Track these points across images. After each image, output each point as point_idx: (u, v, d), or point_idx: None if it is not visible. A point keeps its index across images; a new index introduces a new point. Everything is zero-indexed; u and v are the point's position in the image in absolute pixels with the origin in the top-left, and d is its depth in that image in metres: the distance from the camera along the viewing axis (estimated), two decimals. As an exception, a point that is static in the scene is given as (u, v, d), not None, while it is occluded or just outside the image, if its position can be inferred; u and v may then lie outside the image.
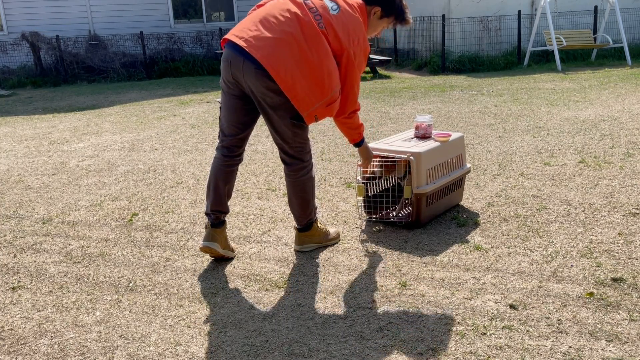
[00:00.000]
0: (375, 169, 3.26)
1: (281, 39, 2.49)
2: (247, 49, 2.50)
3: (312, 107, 2.57)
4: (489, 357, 2.01)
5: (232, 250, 2.96)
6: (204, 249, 2.84)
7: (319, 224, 3.01)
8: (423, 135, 3.39)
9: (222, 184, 2.83)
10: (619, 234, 3.01)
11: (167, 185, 4.32)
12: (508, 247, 2.91)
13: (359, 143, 2.91)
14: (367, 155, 2.99)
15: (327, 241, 3.04)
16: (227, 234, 2.96)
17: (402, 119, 6.50)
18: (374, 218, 3.35)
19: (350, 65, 2.61)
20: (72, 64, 12.82)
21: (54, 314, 2.47)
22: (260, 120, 2.88)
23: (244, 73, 2.54)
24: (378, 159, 3.23)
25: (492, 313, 2.29)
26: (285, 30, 2.51)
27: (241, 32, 2.57)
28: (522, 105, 7.00)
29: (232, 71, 2.58)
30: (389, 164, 3.20)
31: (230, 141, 2.79)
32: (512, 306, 2.33)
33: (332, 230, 3.09)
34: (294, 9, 2.56)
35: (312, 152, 2.83)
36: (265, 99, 2.57)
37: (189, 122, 7.01)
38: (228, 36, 2.61)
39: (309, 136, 2.78)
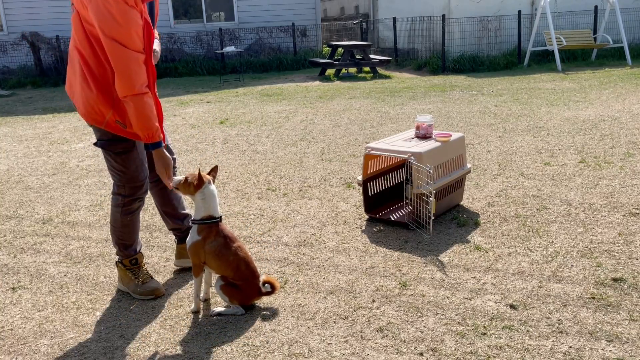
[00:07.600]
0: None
1: (69, 60, 2.41)
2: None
3: (98, 113, 2.37)
4: (489, 357, 2.01)
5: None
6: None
7: (121, 266, 2.68)
8: (424, 136, 3.39)
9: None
10: (619, 234, 3.00)
11: (167, 185, 4.31)
12: (508, 247, 2.91)
13: (155, 145, 2.35)
14: (164, 162, 2.40)
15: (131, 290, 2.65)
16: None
17: (402, 119, 6.50)
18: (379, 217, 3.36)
19: (101, 36, 2.16)
20: (72, 64, 12.81)
21: (54, 314, 2.47)
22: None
23: None
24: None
25: (492, 313, 2.29)
26: (70, 48, 2.38)
27: None
28: (522, 105, 7.00)
29: None
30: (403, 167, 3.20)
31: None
32: (512, 306, 2.33)
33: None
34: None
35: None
36: None
37: (189, 122, 7.01)
38: None
39: (134, 168, 2.54)
